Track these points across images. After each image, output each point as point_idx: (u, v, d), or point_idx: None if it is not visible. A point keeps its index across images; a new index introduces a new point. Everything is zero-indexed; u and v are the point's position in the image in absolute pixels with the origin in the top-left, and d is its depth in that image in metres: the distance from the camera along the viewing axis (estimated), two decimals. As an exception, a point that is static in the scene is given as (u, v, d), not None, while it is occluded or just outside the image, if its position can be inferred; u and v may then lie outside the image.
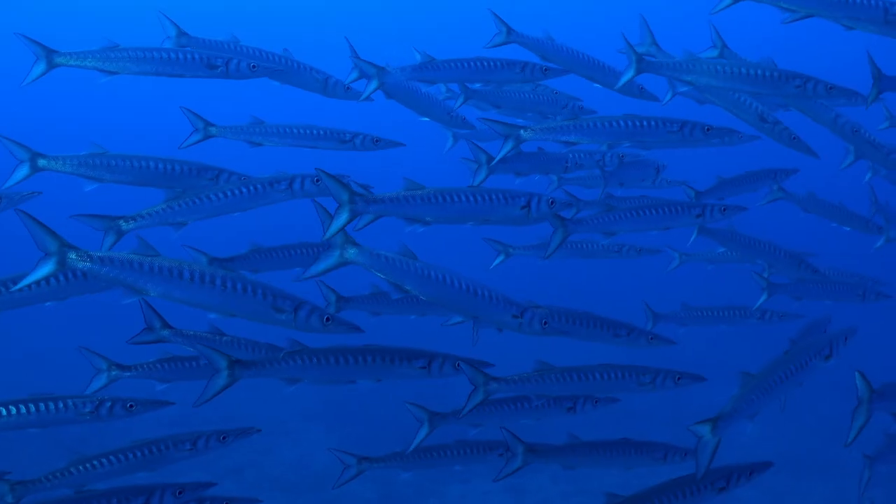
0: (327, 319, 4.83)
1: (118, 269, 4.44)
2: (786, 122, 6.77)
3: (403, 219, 5.47)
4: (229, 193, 5.85)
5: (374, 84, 6.71)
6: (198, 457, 5.48)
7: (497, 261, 7.73)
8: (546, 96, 7.44)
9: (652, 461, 6.05)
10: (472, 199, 5.50)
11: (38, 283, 5.01)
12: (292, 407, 13.45)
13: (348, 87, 7.12)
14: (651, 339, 6.21)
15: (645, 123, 6.08)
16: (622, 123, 6.05)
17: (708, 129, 6.19)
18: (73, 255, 4.38)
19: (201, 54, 6.24)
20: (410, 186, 5.42)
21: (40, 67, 6.03)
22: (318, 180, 6.01)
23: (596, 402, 6.05)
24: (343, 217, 5.12)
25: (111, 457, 5.38)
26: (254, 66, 6.38)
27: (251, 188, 5.89)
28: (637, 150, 7.69)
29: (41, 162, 5.84)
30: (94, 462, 5.35)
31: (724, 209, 6.71)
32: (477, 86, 7.41)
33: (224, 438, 5.47)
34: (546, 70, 6.90)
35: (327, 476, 11.39)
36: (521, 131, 6.04)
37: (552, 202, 5.68)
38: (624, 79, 6.09)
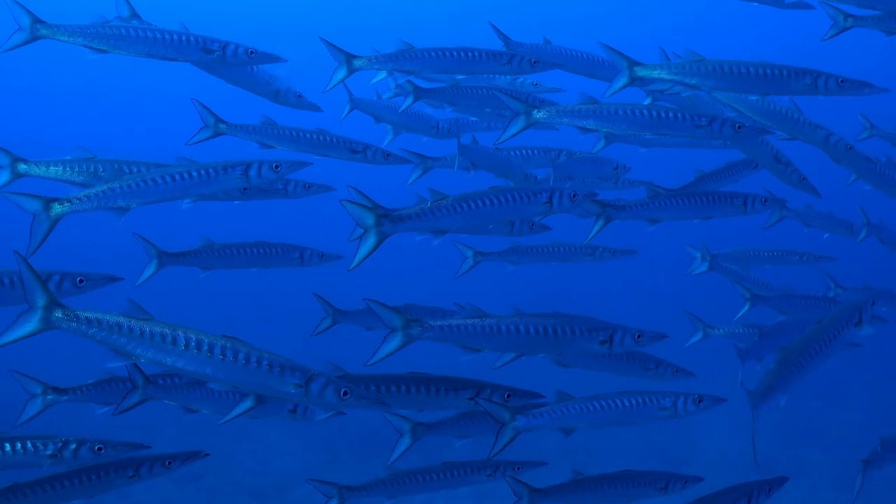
0: (345, 393, 4.34)
1: (106, 332, 4.10)
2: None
3: (430, 232, 5.26)
4: (177, 177, 5.34)
5: (342, 72, 6.26)
6: (141, 483, 5.04)
7: (465, 267, 7.33)
8: (509, 89, 7.05)
9: (654, 491, 5.82)
10: (495, 201, 5.27)
11: None
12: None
13: (300, 95, 6.75)
14: (675, 371, 6.14)
15: (671, 114, 5.52)
16: (646, 112, 5.51)
17: (739, 127, 5.60)
18: (58, 314, 4.03)
19: (197, 37, 5.82)
20: (434, 197, 5.18)
21: (22, 36, 5.46)
22: (277, 167, 5.60)
23: None
24: (370, 242, 4.93)
25: (45, 484, 4.91)
26: (252, 52, 5.95)
27: (202, 172, 5.41)
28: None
29: (22, 167, 5.42)
30: (27, 490, 4.89)
31: (766, 200, 6.52)
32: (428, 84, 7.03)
33: (169, 464, 5.06)
34: (535, 62, 6.45)
35: (289, 480, 11.13)
36: (535, 111, 5.52)
37: (574, 195, 5.47)
38: (615, 87, 5.60)
